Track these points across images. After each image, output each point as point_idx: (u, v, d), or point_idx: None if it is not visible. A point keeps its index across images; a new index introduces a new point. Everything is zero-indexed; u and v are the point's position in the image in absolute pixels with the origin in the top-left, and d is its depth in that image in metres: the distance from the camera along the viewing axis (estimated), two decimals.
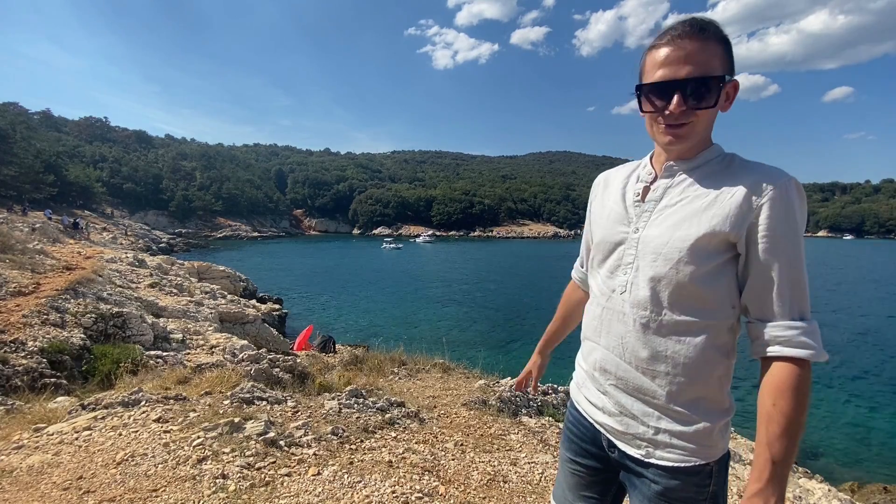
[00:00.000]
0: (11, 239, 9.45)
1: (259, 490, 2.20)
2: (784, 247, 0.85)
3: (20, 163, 35.46)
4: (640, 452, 0.98)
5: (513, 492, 2.58)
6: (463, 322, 20.74)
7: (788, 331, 0.85)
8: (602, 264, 1.07)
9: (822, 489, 4.18)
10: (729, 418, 0.97)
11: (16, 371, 4.43)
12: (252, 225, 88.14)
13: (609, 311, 1.02)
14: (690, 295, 0.91)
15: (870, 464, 9.23)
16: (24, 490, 2.15)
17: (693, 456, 0.93)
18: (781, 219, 0.85)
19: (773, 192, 0.85)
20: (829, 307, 25.49)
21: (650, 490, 0.97)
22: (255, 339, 10.31)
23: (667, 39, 0.89)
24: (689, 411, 0.93)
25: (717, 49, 0.88)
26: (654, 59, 0.91)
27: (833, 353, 16.36)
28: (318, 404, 3.42)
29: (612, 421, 1.03)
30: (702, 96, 0.87)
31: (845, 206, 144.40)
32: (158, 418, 2.86)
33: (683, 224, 0.91)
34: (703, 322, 0.91)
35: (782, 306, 0.86)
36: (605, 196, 1.12)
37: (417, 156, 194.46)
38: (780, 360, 0.86)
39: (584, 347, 1.13)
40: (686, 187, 0.94)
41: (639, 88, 0.94)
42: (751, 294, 0.89)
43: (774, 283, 0.86)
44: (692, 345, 0.92)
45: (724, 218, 0.87)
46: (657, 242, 0.93)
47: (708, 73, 0.86)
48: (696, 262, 0.89)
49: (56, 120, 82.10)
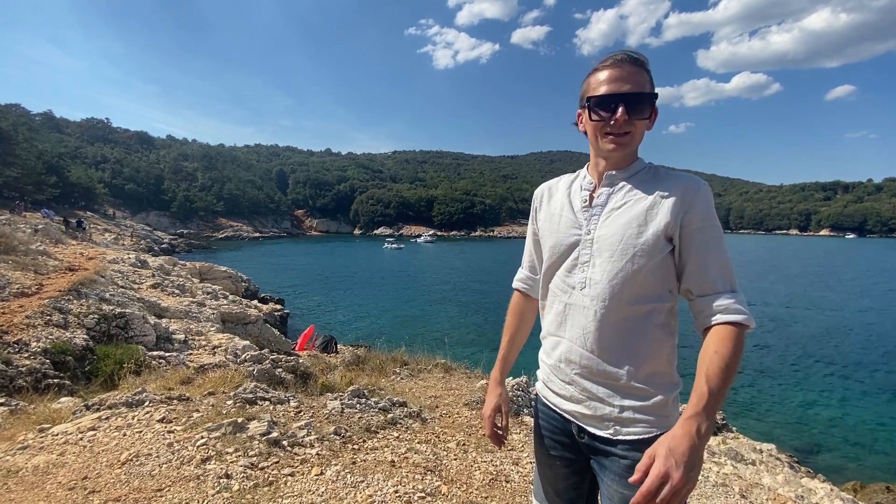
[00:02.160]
0: (14, 240, 9.48)
1: (263, 490, 2.21)
2: (712, 235, 1.03)
3: (22, 164, 35.57)
4: (608, 432, 1.09)
5: (515, 491, 2.59)
6: (464, 322, 20.74)
7: (726, 301, 1.00)
8: (559, 266, 1.18)
9: (825, 488, 4.18)
10: (678, 391, 1.11)
11: (19, 372, 4.44)
12: (253, 225, 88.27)
13: (571, 307, 1.14)
14: (641, 284, 1.05)
15: (873, 463, 9.21)
16: (30, 490, 2.16)
17: (653, 427, 1.06)
18: (707, 213, 1.03)
19: (698, 193, 1.04)
20: (830, 308, 25.46)
21: (619, 466, 1.07)
22: (256, 340, 10.33)
23: (609, 63, 1.06)
24: (647, 387, 1.06)
25: (647, 77, 1.07)
26: (599, 79, 1.07)
27: (835, 354, 16.36)
28: (321, 404, 3.43)
29: (580, 407, 1.13)
30: (640, 109, 1.05)
31: (847, 205, 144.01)
32: (162, 418, 2.88)
33: (633, 223, 1.06)
34: (650, 306, 1.06)
35: (718, 282, 1.02)
36: (551, 205, 1.25)
37: (418, 156, 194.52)
38: (720, 325, 0.99)
39: (547, 344, 1.24)
40: (626, 193, 1.10)
41: (588, 100, 1.08)
42: (691, 276, 1.05)
43: (710, 264, 1.03)
44: (644, 327, 1.07)
45: (664, 215, 1.03)
46: (612, 241, 1.07)
47: (644, 90, 1.05)
48: (646, 255, 1.04)
49: (58, 121, 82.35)
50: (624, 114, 1.03)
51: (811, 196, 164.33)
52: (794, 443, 9.48)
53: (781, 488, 3.84)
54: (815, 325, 20.73)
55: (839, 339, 18.27)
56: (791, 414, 11.35)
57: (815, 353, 16.31)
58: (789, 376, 13.94)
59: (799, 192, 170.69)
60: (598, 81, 1.07)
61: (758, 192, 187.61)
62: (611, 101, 1.04)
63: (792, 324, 20.98)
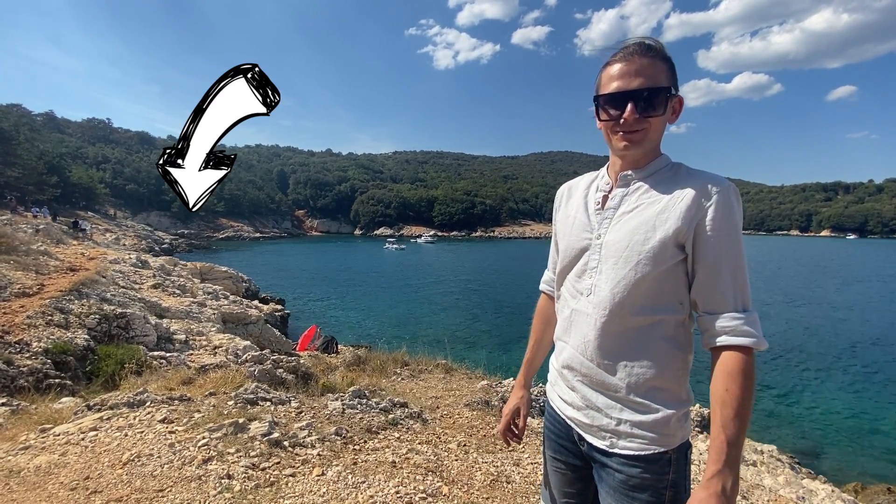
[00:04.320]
0: (15, 240, 9.50)
1: (264, 490, 2.21)
2: (727, 244, 0.94)
3: (24, 164, 35.57)
4: (604, 443, 1.05)
5: (516, 492, 2.59)
6: (465, 322, 20.73)
7: (733, 321, 0.93)
8: (570, 270, 1.14)
9: (826, 490, 4.18)
10: (687, 409, 1.04)
11: (21, 372, 4.45)
12: (254, 226, 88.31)
13: (577, 313, 1.10)
14: (645, 293, 0.99)
15: (874, 464, 9.19)
16: (32, 490, 2.16)
17: (652, 444, 1.00)
18: (724, 219, 0.94)
19: (717, 196, 0.95)
20: (831, 307, 25.43)
21: (614, 479, 1.04)
22: (257, 340, 10.33)
23: (619, 56, 1.01)
24: (647, 401, 1.01)
25: (663, 66, 0.99)
26: (609, 74, 1.01)
27: (836, 354, 16.33)
28: (322, 405, 3.44)
29: (580, 415, 1.10)
30: (652, 105, 0.98)
31: (848, 206, 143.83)
32: (163, 419, 2.88)
33: (641, 228, 1.00)
34: (655, 317, 1.00)
35: (726, 299, 0.95)
36: (568, 206, 1.20)
37: (419, 156, 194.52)
38: (727, 349, 0.94)
39: (556, 347, 1.22)
40: (641, 194, 1.04)
41: (596, 99, 1.04)
42: (699, 289, 0.98)
43: (719, 278, 0.95)
44: (648, 339, 1.01)
45: (675, 220, 0.96)
46: (618, 247, 1.02)
47: (656, 85, 0.97)
48: (652, 263, 0.97)
49: (59, 121, 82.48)
50: (633, 112, 0.97)
51: (812, 197, 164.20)
52: (796, 444, 9.47)
53: (782, 489, 3.84)
54: (816, 325, 20.71)
55: (840, 339, 18.23)
56: (792, 415, 11.33)
57: (816, 353, 16.28)
58: (790, 377, 13.92)
59: (800, 192, 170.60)
60: (609, 77, 1.01)
61: (759, 192, 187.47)
62: (620, 98, 0.98)
63: (792, 324, 20.96)
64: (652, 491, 1.00)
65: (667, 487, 1.00)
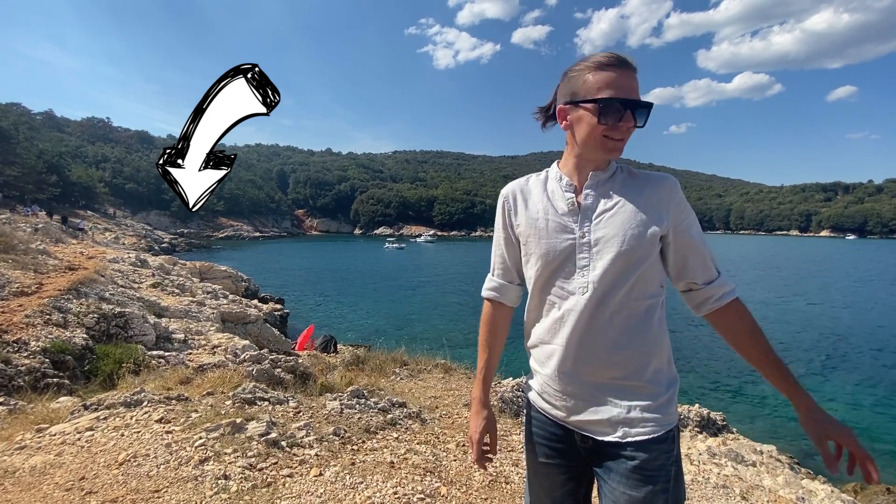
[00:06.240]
0: (14, 239, 9.48)
1: (261, 491, 2.19)
2: (697, 226, 1.11)
3: (23, 163, 35.56)
4: (616, 435, 1.06)
5: (515, 493, 2.57)
6: (464, 322, 20.70)
7: (725, 285, 1.10)
8: (555, 272, 1.13)
9: (826, 490, 4.17)
10: (678, 386, 1.13)
11: (18, 371, 4.43)
12: (254, 225, 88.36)
13: (571, 312, 1.10)
14: (640, 281, 1.07)
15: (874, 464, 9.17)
16: (27, 490, 2.15)
17: (658, 425, 1.05)
18: (687, 206, 1.10)
19: (675, 188, 1.10)
20: (832, 307, 25.43)
21: (626, 467, 1.05)
22: (256, 340, 10.32)
23: (616, 65, 1.03)
24: (651, 385, 1.07)
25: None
26: (604, 80, 1.02)
27: (835, 354, 16.33)
28: (320, 405, 3.42)
29: (585, 415, 1.10)
30: (644, 118, 1.05)
31: (848, 206, 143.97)
32: (161, 419, 2.86)
33: (630, 223, 1.06)
34: (648, 302, 1.08)
35: (713, 268, 1.11)
36: (529, 210, 1.18)
37: (419, 156, 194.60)
38: (729, 305, 1.09)
39: (539, 353, 1.18)
40: (613, 193, 1.10)
41: (599, 102, 1.02)
42: (695, 268, 1.10)
43: (704, 253, 1.10)
44: (646, 324, 1.08)
45: (657, 215, 1.06)
46: (614, 241, 1.06)
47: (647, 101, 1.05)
48: (646, 253, 1.05)
49: (58, 120, 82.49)
50: (633, 122, 1.03)
51: (812, 197, 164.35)
52: (795, 444, 9.45)
53: (782, 490, 3.83)
54: (816, 325, 20.72)
55: (840, 338, 18.25)
56: (792, 415, 11.29)
57: (816, 353, 16.31)
58: None
59: (799, 192, 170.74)
60: (604, 83, 1.02)
61: (758, 192, 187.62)
62: (625, 107, 1.01)
63: (792, 323, 20.97)
64: (664, 470, 1.05)
65: (673, 463, 1.06)
